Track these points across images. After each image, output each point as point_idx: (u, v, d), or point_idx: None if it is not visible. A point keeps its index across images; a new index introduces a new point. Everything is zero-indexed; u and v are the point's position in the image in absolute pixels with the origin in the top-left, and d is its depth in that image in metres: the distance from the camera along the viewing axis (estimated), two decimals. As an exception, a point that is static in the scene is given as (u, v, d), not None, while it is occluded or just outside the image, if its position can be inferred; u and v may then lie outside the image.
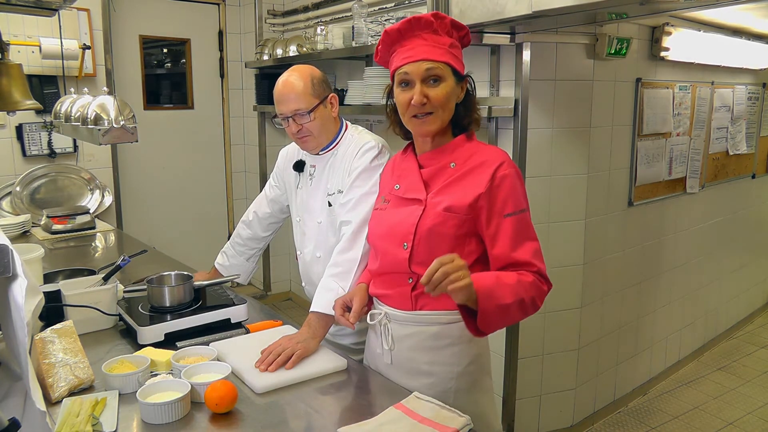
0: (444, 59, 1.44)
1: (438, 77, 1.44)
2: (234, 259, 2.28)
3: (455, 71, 1.46)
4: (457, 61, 1.47)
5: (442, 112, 1.46)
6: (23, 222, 3.11)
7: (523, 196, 1.46)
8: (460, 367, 1.49)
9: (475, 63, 2.84)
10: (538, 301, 1.41)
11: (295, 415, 1.38)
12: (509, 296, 1.34)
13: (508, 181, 1.43)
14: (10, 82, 2.31)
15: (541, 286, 1.42)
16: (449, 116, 1.49)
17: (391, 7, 3.30)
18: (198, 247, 4.46)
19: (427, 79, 1.44)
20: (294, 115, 1.83)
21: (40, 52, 3.34)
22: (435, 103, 1.44)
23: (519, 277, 1.38)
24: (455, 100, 1.49)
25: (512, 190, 1.43)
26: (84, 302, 1.75)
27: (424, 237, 1.46)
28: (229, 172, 4.83)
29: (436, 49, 1.44)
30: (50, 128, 3.44)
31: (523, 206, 1.45)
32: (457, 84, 1.48)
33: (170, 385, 1.36)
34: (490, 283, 1.34)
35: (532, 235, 1.45)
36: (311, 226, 1.98)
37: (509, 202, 1.42)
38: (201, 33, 4.56)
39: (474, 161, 1.47)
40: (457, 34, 1.49)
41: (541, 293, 1.42)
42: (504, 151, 1.51)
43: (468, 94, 1.52)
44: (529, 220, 1.46)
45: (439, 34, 1.45)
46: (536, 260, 1.43)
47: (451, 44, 1.47)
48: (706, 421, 3.23)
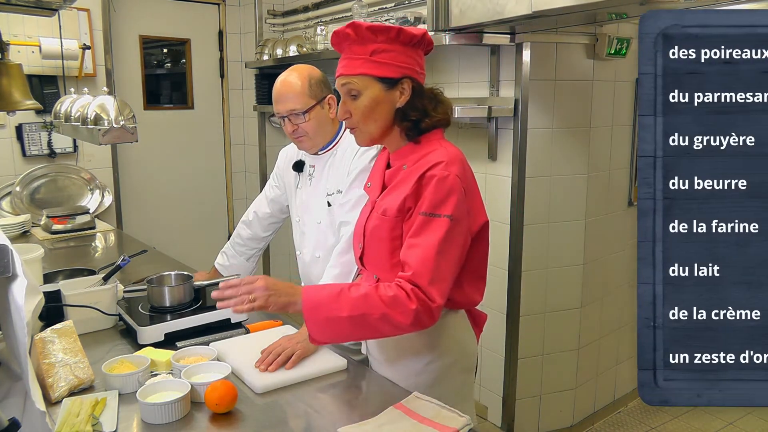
0: (359, 71, 1.40)
1: (356, 92, 1.42)
2: (234, 259, 2.28)
3: (382, 78, 1.41)
4: (381, 68, 1.40)
5: (364, 125, 1.44)
6: (23, 222, 3.10)
7: (451, 202, 1.35)
8: (420, 364, 1.51)
9: (475, 63, 2.84)
10: (399, 317, 1.29)
11: (295, 415, 1.38)
12: (346, 309, 1.29)
13: (433, 181, 1.36)
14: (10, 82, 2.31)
15: (407, 303, 1.29)
16: (379, 126, 1.44)
17: (391, 7, 3.30)
18: (198, 247, 4.46)
19: (348, 95, 1.43)
20: (289, 115, 1.83)
21: (40, 52, 3.34)
22: (354, 118, 1.44)
23: (377, 291, 1.30)
24: (387, 108, 1.43)
25: (434, 191, 1.36)
26: (84, 302, 1.75)
27: (369, 238, 1.49)
28: (229, 172, 4.83)
29: (353, 62, 1.41)
30: (50, 128, 3.44)
31: (441, 211, 1.35)
32: (389, 90, 1.41)
33: (170, 385, 1.36)
34: (326, 295, 1.32)
35: (432, 244, 1.33)
36: (311, 226, 1.98)
37: (426, 201, 1.36)
38: (201, 33, 4.55)
39: (421, 163, 1.42)
40: (383, 36, 1.40)
41: (404, 310, 1.29)
42: (456, 153, 1.43)
43: (416, 95, 1.44)
44: (443, 228, 1.34)
45: (361, 44, 1.41)
46: (418, 269, 1.32)
47: (374, 51, 1.40)
48: (706, 421, 3.23)
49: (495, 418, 2.96)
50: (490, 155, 2.82)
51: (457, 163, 1.40)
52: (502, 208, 2.80)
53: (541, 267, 2.82)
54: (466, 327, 1.57)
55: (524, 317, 2.83)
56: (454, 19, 2.45)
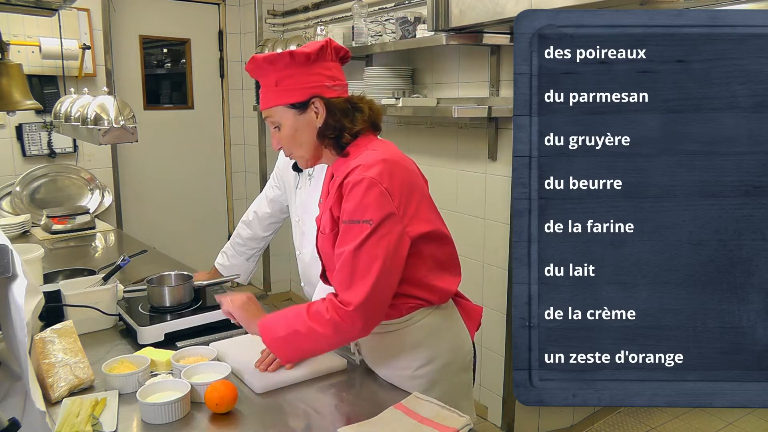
0: (270, 104, 1.43)
1: (276, 124, 1.44)
2: (234, 259, 2.28)
3: (292, 105, 1.41)
4: (287, 95, 1.40)
5: (297, 150, 1.46)
6: (23, 222, 3.10)
7: (368, 206, 1.33)
8: (409, 371, 1.50)
9: (475, 63, 2.84)
10: (320, 328, 1.32)
11: (295, 415, 1.38)
12: (282, 329, 1.37)
13: (349, 188, 1.35)
14: (10, 82, 2.31)
15: (324, 314, 1.31)
16: (308, 147, 1.45)
17: (391, 7, 3.30)
18: (198, 247, 4.46)
19: (272, 126, 1.46)
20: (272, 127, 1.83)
21: (40, 52, 3.34)
22: (285, 147, 1.47)
23: (308, 306, 1.36)
24: (309, 130, 1.43)
25: (352, 197, 1.35)
26: (84, 302, 1.75)
27: (323, 257, 1.52)
28: (229, 172, 4.83)
29: (265, 95, 1.43)
30: (50, 128, 3.44)
31: (359, 217, 1.33)
32: (302, 113, 1.42)
33: (170, 385, 1.36)
34: (275, 317, 1.41)
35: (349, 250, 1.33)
36: (311, 226, 1.98)
37: (345, 209, 1.36)
38: (201, 33, 4.55)
39: (343, 171, 1.41)
40: (280, 64, 1.40)
41: (322, 322, 1.31)
42: (378, 156, 1.39)
43: (329, 112, 1.42)
44: (362, 233, 1.32)
45: (265, 76, 1.42)
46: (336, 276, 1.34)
47: (277, 80, 1.40)
48: (706, 421, 3.24)
49: (495, 418, 2.96)
50: (490, 155, 2.82)
51: (377, 164, 1.36)
52: (502, 208, 2.80)
53: (541, 267, 2.81)
54: (457, 326, 1.56)
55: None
56: (454, 19, 2.45)
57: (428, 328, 1.50)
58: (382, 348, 1.52)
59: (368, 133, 1.48)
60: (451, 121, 2.97)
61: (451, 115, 2.66)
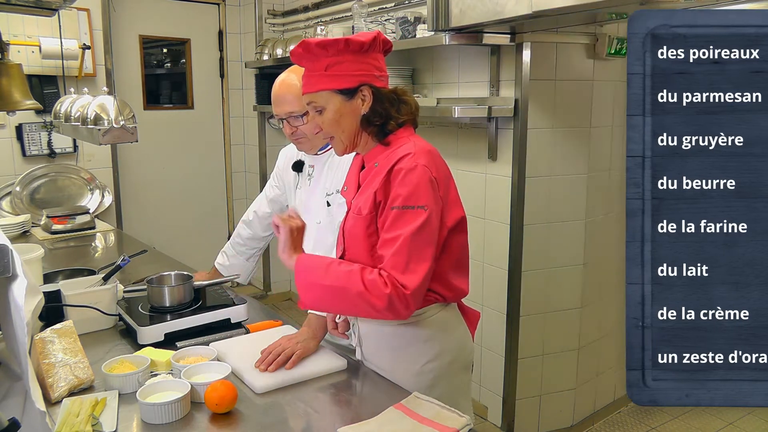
0: (318, 88, 1.44)
1: (320, 107, 1.46)
2: (234, 258, 2.28)
3: (340, 90, 1.44)
4: (337, 80, 1.43)
5: (339, 134, 1.48)
6: (23, 222, 3.10)
7: (421, 193, 1.38)
8: (417, 365, 1.51)
9: (475, 63, 2.84)
10: (374, 299, 1.33)
11: (295, 415, 1.38)
12: (330, 279, 1.38)
13: (401, 174, 1.39)
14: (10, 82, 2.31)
15: (383, 288, 1.33)
16: (350, 133, 1.48)
17: (391, 7, 3.30)
18: (198, 247, 4.46)
19: (314, 111, 1.48)
20: (288, 118, 1.83)
21: (40, 52, 3.34)
22: (326, 131, 1.49)
23: (361, 271, 1.36)
24: (353, 117, 1.46)
25: (404, 183, 1.38)
26: (84, 302, 1.75)
27: (348, 238, 1.53)
28: (229, 172, 4.83)
29: (311, 79, 1.45)
30: (50, 128, 3.44)
31: (413, 203, 1.37)
32: (349, 100, 1.45)
33: (170, 385, 1.37)
34: (317, 262, 1.44)
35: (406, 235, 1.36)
36: (310, 226, 1.98)
37: (397, 195, 1.38)
38: (201, 33, 4.55)
39: (390, 158, 1.44)
40: (333, 50, 1.42)
41: (379, 294, 1.33)
42: (424, 146, 1.45)
43: (377, 100, 1.46)
44: (417, 219, 1.36)
45: (315, 61, 1.44)
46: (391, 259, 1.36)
47: (328, 65, 1.43)
48: (706, 421, 3.23)
49: (495, 418, 2.96)
50: (490, 155, 2.82)
51: (425, 154, 1.42)
52: (502, 208, 2.80)
53: (541, 267, 2.82)
54: (461, 324, 1.58)
55: (524, 317, 2.83)
56: (454, 19, 2.45)
57: (440, 323, 1.52)
58: (395, 339, 1.52)
59: (409, 125, 1.53)
60: (451, 121, 2.97)
61: (451, 115, 2.66)
